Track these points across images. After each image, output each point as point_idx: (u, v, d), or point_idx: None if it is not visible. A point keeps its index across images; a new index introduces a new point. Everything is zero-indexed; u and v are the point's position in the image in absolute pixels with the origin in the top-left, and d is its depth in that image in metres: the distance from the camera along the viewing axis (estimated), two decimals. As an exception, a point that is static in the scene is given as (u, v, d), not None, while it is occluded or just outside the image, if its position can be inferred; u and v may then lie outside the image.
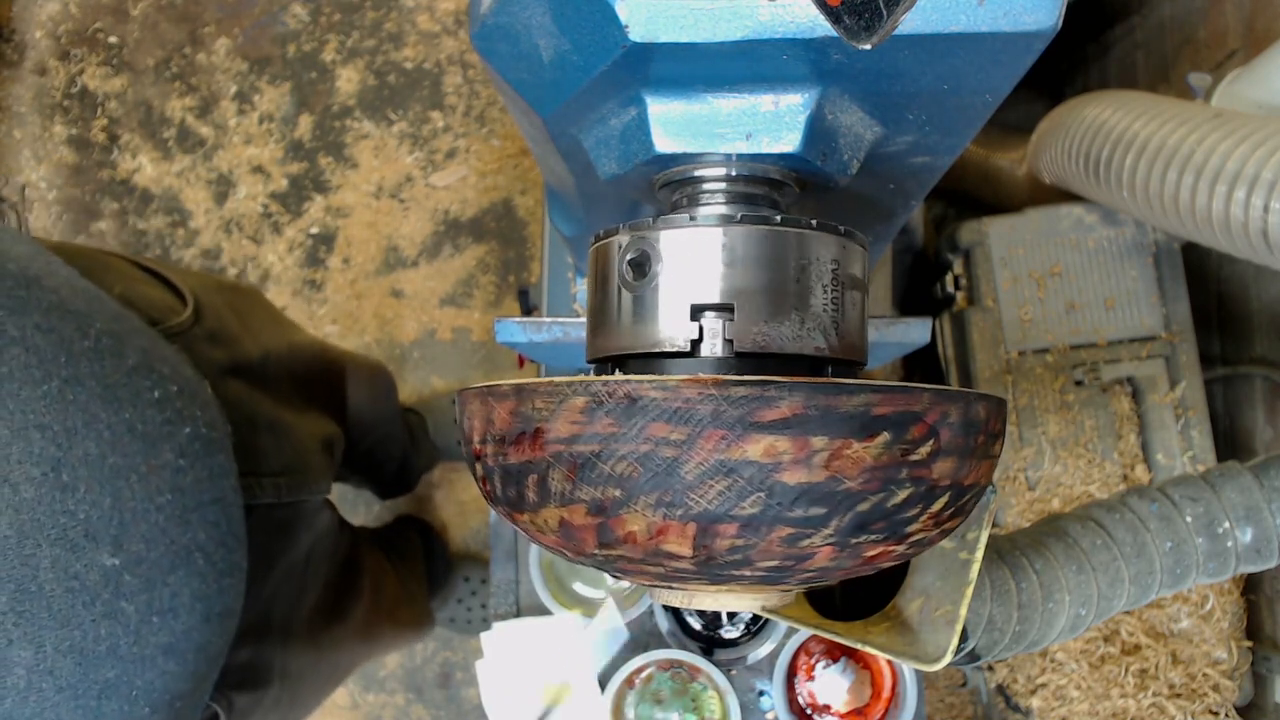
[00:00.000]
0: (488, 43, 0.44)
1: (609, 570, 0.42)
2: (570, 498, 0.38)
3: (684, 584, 0.42)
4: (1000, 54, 0.39)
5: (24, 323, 0.49)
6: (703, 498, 0.36)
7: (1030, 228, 1.16)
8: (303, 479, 0.77)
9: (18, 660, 0.46)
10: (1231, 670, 1.10)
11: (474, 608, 1.58)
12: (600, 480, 0.37)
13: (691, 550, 0.38)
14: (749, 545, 0.37)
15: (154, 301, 0.69)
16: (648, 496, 0.36)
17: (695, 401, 0.35)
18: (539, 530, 0.41)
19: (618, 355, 0.44)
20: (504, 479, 0.40)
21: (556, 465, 0.37)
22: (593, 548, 0.39)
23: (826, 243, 0.44)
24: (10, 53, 1.80)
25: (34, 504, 0.47)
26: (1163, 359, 1.12)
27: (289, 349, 0.90)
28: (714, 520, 0.36)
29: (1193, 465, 1.10)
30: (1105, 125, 0.94)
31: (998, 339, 1.15)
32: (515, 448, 0.39)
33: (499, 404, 0.39)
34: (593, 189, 0.53)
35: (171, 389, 0.57)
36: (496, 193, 1.71)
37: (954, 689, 1.42)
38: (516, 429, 0.38)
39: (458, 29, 1.75)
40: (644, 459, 0.36)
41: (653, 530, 0.37)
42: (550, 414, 0.37)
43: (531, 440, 0.38)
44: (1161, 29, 1.30)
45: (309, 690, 0.86)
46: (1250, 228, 0.76)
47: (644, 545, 0.38)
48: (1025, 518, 1.13)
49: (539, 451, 0.38)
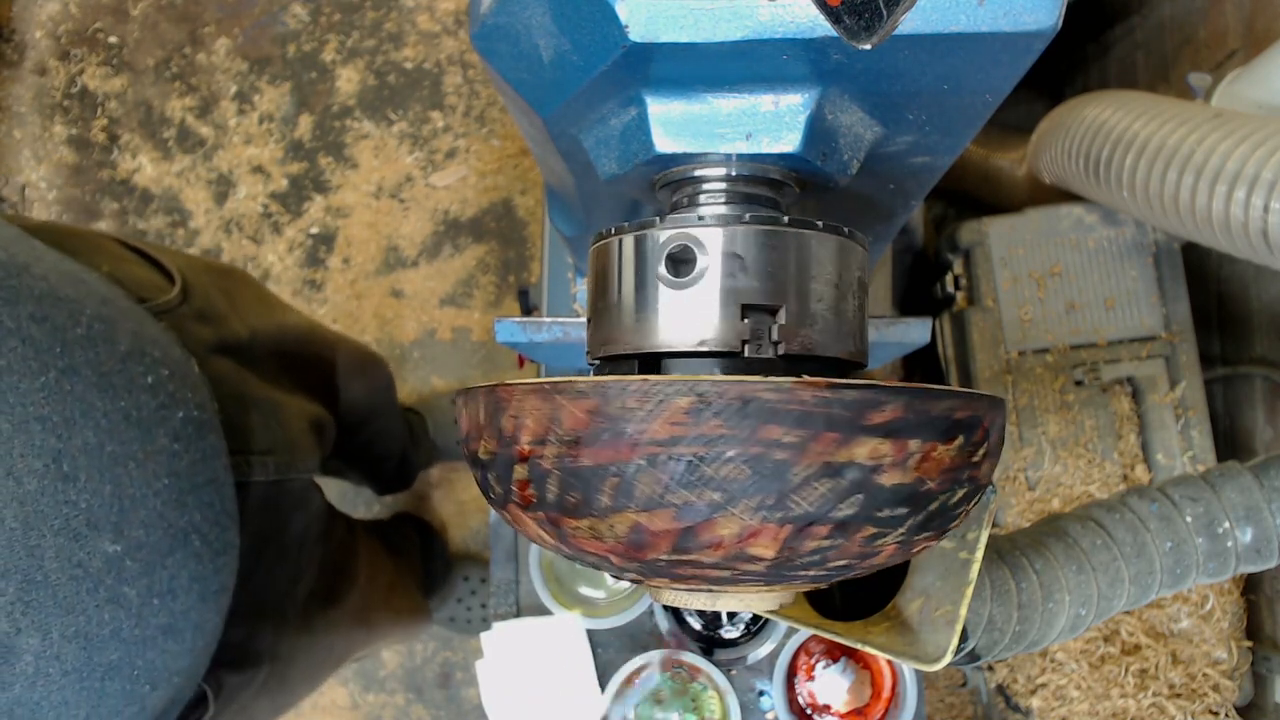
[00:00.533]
0: (488, 43, 0.44)
1: (651, 575, 0.40)
2: (658, 502, 0.36)
3: (738, 587, 0.41)
4: (1000, 54, 0.39)
5: (18, 313, 0.49)
6: (805, 500, 0.36)
7: (1030, 228, 1.16)
8: (290, 458, 0.77)
9: (26, 647, 0.47)
10: (1231, 670, 1.10)
11: (474, 608, 1.57)
12: (699, 483, 0.35)
13: (775, 553, 0.37)
14: (833, 547, 0.38)
15: (142, 281, 0.69)
16: (750, 500, 0.36)
17: (811, 404, 0.35)
18: (592, 536, 0.39)
19: (644, 353, 0.43)
20: (565, 483, 0.37)
21: (648, 468, 0.36)
22: (661, 554, 0.38)
23: (852, 248, 0.45)
24: (10, 53, 1.80)
25: (37, 496, 0.48)
26: (1163, 359, 1.12)
27: (277, 329, 0.90)
28: (810, 522, 0.36)
29: (1193, 465, 1.10)
30: (1105, 125, 0.94)
31: (998, 339, 1.15)
32: (593, 449, 0.36)
33: (573, 402, 0.36)
34: (593, 189, 0.53)
35: (163, 373, 0.57)
36: (496, 193, 1.71)
37: (954, 689, 1.42)
38: (598, 430, 0.36)
39: (458, 29, 1.75)
40: (754, 461, 0.35)
41: (745, 534, 0.37)
42: (645, 414, 0.35)
43: (616, 442, 0.36)
44: (1161, 29, 1.30)
45: (300, 673, 0.86)
46: (1250, 228, 0.76)
47: (728, 549, 0.37)
48: (1025, 518, 1.13)
49: (626, 453, 0.36)
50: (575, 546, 0.40)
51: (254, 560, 0.70)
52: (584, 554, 0.40)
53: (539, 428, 0.37)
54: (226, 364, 0.74)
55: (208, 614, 0.59)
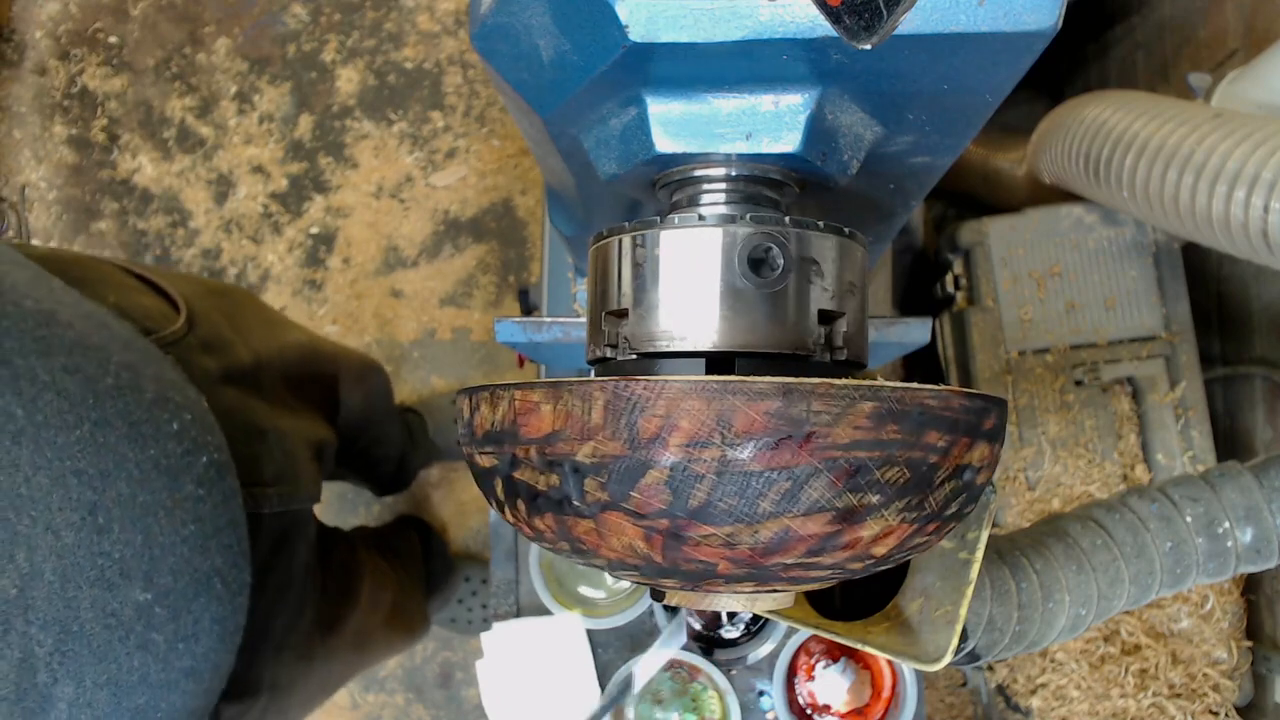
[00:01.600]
0: (488, 43, 0.44)
1: (750, 581, 0.39)
2: (821, 505, 0.36)
3: (810, 585, 0.42)
4: (1000, 54, 0.39)
5: (51, 365, 0.50)
6: (936, 500, 0.38)
7: (1030, 228, 1.16)
8: (294, 487, 0.77)
9: (61, 696, 0.48)
10: (1231, 670, 1.10)
11: (474, 608, 1.57)
12: (865, 486, 0.36)
13: (887, 551, 0.39)
14: (921, 544, 0.40)
15: (148, 310, 0.70)
16: (899, 502, 0.37)
17: (958, 411, 0.37)
18: (723, 544, 0.37)
19: (710, 352, 0.42)
20: (718, 488, 0.36)
21: (825, 472, 0.35)
22: (790, 558, 0.37)
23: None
24: (10, 53, 1.80)
25: (74, 549, 0.49)
26: (1163, 359, 1.12)
27: (280, 350, 0.90)
28: (929, 520, 0.39)
29: (1193, 465, 1.10)
30: (1105, 125, 0.94)
31: (998, 339, 1.15)
32: (768, 453, 0.35)
33: (752, 404, 0.35)
34: (593, 189, 0.53)
35: (186, 418, 0.58)
36: (496, 193, 1.71)
37: (954, 689, 1.42)
38: (779, 432, 0.35)
39: (458, 29, 1.75)
40: (913, 465, 0.36)
41: (880, 534, 0.37)
42: (832, 418, 0.35)
43: (799, 444, 0.35)
44: (1161, 29, 1.30)
45: (297, 703, 0.87)
46: (1250, 228, 0.76)
47: (858, 550, 0.37)
48: (1025, 518, 1.13)
49: (806, 457, 0.35)
50: (684, 555, 0.38)
51: (257, 592, 0.70)
52: (688, 562, 0.38)
53: (697, 428, 0.35)
54: (233, 394, 0.74)
55: (225, 654, 0.60)
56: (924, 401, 0.36)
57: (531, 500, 0.40)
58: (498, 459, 0.40)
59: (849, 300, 0.44)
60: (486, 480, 0.42)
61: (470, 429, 0.42)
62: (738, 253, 0.41)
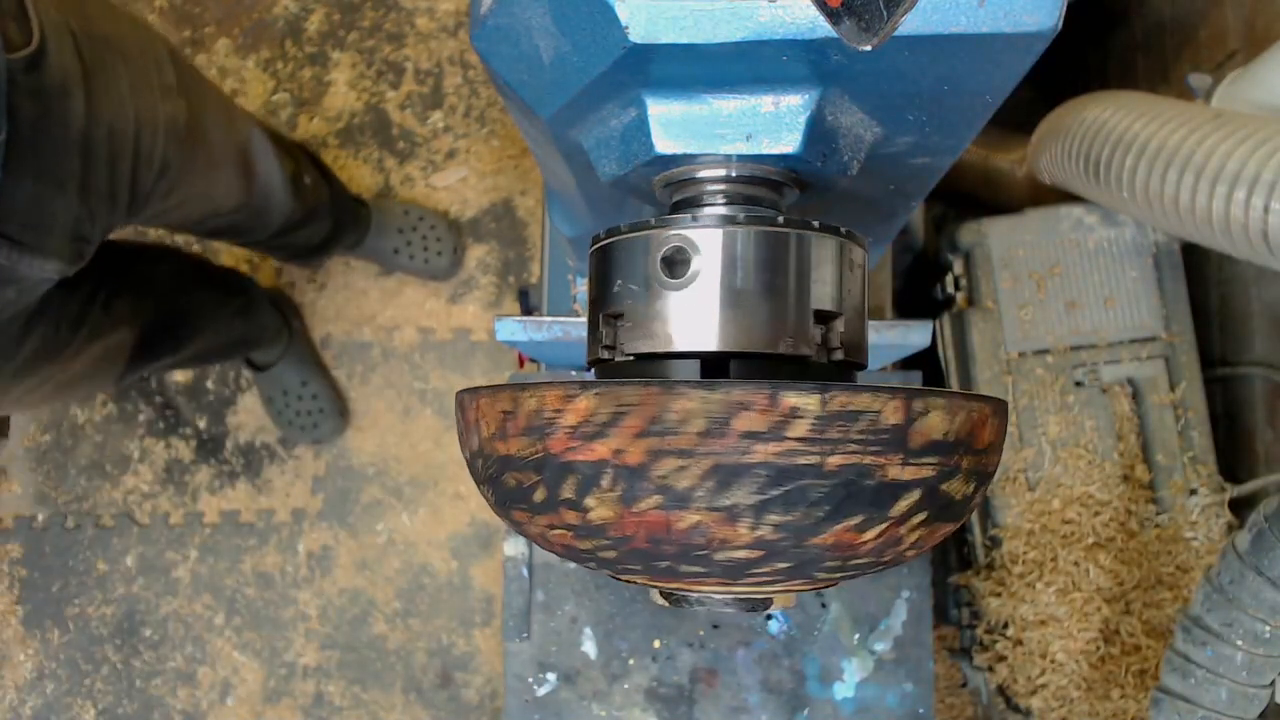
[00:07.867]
0: (488, 43, 0.44)
1: (783, 580, 0.42)
2: (966, 504, 0.41)
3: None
4: (1000, 55, 0.39)
5: None
6: (955, 493, 0.42)
7: (1030, 228, 1.16)
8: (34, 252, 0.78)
9: None
10: (1231, 670, 1.09)
11: (311, 411, 1.60)
12: (984, 480, 0.42)
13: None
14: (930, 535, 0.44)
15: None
16: (931, 497, 0.41)
17: (989, 413, 0.42)
18: (912, 545, 0.42)
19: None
20: (943, 495, 0.40)
21: (912, 465, 0.39)
22: (907, 549, 0.42)
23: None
24: (10, 53, 1.80)
25: None
26: (1163, 359, 1.12)
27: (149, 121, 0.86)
28: (941, 511, 0.42)
29: (1192, 465, 1.10)
30: (1105, 126, 0.94)
31: (998, 340, 1.15)
32: (972, 457, 0.40)
33: (976, 409, 0.40)
34: (593, 190, 0.53)
35: None
36: (496, 193, 1.71)
37: (954, 689, 1.42)
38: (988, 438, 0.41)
39: (458, 29, 1.75)
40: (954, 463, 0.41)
41: (897, 528, 0.41)
42: (987, 423, 0.41)
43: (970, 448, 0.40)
44: (1161, 29, 1.30)
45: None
46: (1250, 228, 0.76)
47: (874, 544, 0.40)
48: (1025, 518, 1.13)
49: (976, 460, 0.41)
50: (884, 554, 0.41)
51: None
52: (726, 546, 0.39)
53: (946, 429, 0.40)
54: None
55: None
56: (968, 404, 0.40)
57: (628, 499, 0.42)
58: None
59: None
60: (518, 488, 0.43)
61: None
62: (660, 254, 0.43)
